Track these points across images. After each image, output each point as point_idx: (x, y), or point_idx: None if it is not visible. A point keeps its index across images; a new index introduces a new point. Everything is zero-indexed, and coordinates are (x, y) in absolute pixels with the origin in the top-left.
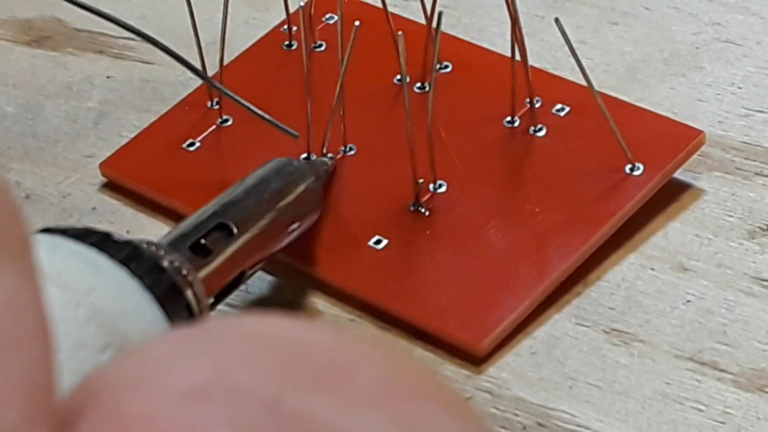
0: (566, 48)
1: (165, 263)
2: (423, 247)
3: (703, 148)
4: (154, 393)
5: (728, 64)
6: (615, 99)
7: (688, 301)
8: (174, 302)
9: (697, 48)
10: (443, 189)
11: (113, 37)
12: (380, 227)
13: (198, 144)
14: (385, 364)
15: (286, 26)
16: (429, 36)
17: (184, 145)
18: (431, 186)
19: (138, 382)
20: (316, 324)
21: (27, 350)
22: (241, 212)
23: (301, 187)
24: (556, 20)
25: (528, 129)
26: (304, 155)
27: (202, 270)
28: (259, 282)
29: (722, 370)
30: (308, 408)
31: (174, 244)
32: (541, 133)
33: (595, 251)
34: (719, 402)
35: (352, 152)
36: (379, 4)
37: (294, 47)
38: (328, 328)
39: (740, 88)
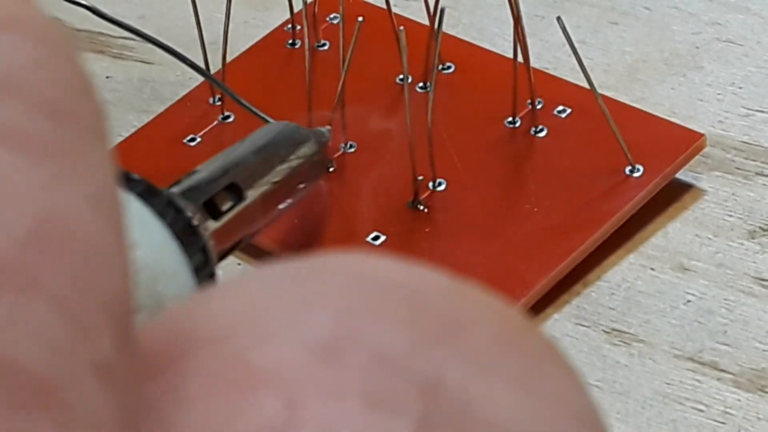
0: (567, 48)
1: (195, 221)
2: (421, 244)
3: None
4: (281, 344)
5: (728, 64)
6: (616, 101)
7: (689, 301)
8: (203, 269)
9: (698, 48)
10: (442, 187)
11: (112, 36)
12: (379, 223)
13: (199, 139)
14: (498, 318)
15: (290, 25)
16: (431, 35)
17: (185, 140)
18: (430, 184)
19: (257, 329)
20: (422, 266)
21: (112, 261)
22: (252, 176)
23: (307, 156)
24: (558, 19)
25: (529, 129)
26: None
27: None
28: None
29: (722, 371)
30: (439, 371)
31: (188, 197)
32: (542, 134)
33: (595, 251)
34: (719, 402)
35: (352, 149)
36: (382, 4)
37: (297, 46)
38: (437, 272)
39: (740, 87)
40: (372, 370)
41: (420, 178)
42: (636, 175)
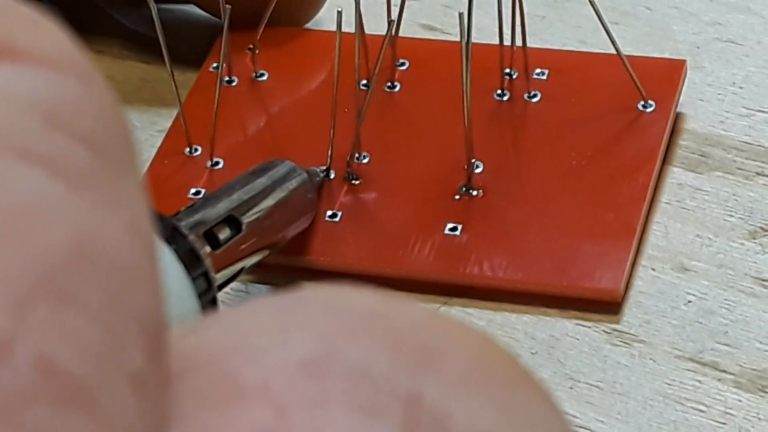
0: (566, 48)
1: (198, 248)
2: (500, 226)
3: (704, 148)
4: (267, 362)
5: (729, 64)
6: (590, 53)
7: (689, 302)
8: (206, 294)
9: (698, 48)
10: (479, 170)
11: (112, 36)
12: (455, 215)
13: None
14: (475, 346)
15: None
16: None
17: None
18: (473, 169)
19: (246, 351)
20: (403, 300)
21: (146, 281)
22: (249, 209)
23: (302, 194)
24: None
25: (521, 97)
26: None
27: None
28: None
29: (723, 371)
30: (418, 389)
31: (191, 227)
32: (536, 99)
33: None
34: (720, 403)
35: (366, 160)
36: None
37: None
38: (417, 305)
39: (741, 87)
40: (354, 382)
41: (474, 160)
42: (649, 110)
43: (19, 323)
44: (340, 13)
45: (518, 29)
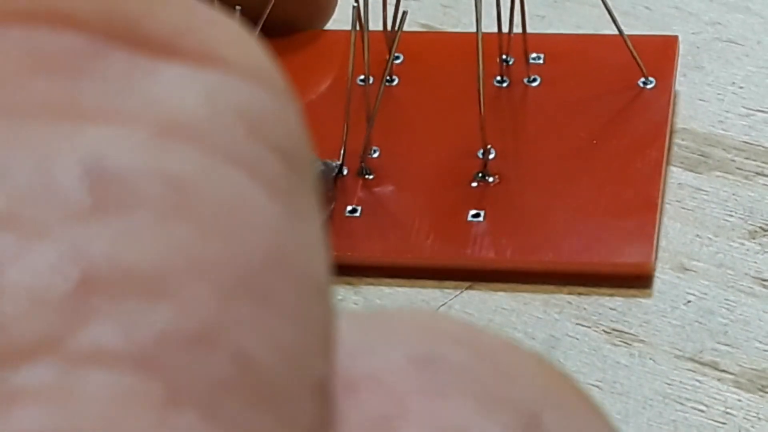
0: None
1: None
2: (522, 210)
3: (703, 148)
4: (375, 357)
5: (729, 64)
6: (586, 36)
7: (689, 302)
8: None
9: (698, 48)
10: (491, 156)
11: None
12: (474, 202)
13: None
14: (545, 372)
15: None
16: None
17: None
18: (480, 153)
19: (349, 348)
20: (482, 327)
21: (326, 293)
22: None
23: (320, 184)
24: None
25: (521, 81)
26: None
27: None
28: None
29: (723, 371)
30: (529, 405)
31: None
32: (536, 83)
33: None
34: (720, 403)
35: (376, 154)
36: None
37: None
38: (489, 331)
39: (741, 87)
40: (465, 379)
41: (489, 146)
42: (650, 86)
43: (222, 315)
44: (355, 8)
45: (517, 15)
